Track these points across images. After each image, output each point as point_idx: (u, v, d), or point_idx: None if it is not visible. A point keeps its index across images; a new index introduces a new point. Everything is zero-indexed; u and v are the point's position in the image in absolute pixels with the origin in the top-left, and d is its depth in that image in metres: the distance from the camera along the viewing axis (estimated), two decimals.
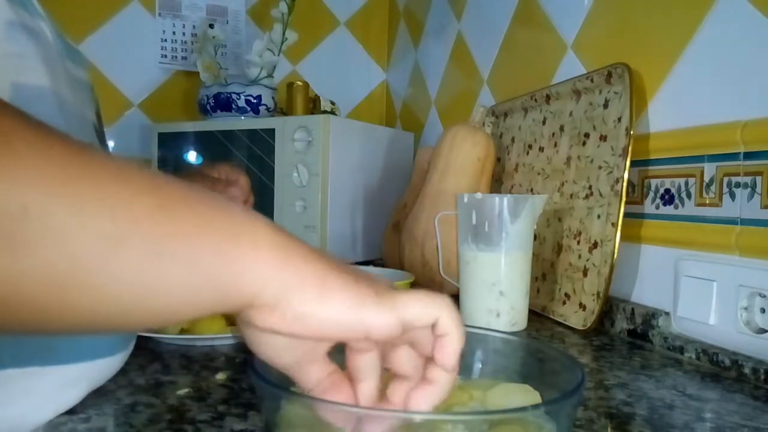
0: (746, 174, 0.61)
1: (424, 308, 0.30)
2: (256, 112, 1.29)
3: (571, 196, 0.83)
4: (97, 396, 0.45)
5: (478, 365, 0.43)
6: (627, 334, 0.73)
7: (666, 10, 0.73)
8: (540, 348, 0.44)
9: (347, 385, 0.32)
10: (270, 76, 1.33)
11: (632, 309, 0.73)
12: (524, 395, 0.38)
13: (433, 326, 0.31)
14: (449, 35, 1.32)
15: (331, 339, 0.30)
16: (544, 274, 0.87)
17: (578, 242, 0.80)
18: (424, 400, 0.31)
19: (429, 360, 0.32)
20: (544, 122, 0.93)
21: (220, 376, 0.53)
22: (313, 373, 0.32)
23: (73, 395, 0.42)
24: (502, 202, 0.74)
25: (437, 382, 0.31)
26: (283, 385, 0.32)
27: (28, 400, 0.39)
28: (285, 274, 0.28)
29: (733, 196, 0.63)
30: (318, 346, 0.31)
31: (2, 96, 0.25)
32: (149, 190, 0.25)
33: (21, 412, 0.39)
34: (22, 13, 0.40)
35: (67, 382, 0.41)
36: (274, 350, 0.30)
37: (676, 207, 0.70)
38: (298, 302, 0.28)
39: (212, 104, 1.29)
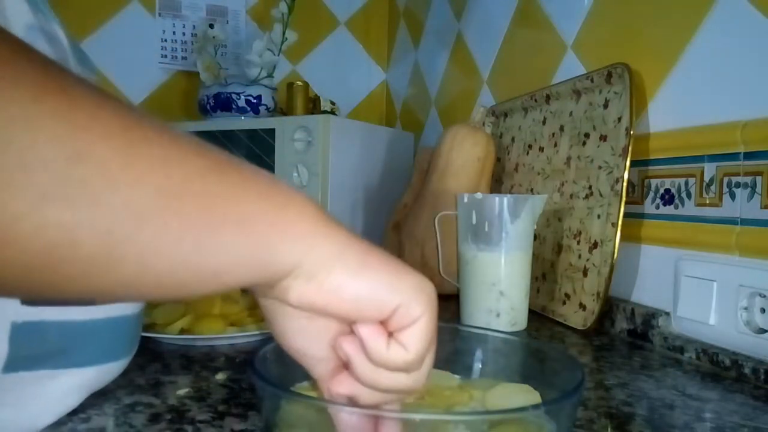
0: (746, 174, 0.61)
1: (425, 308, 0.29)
2: (256, 112, 1.29)
3: (571, 196, 0.83)
4: (97, 396, 0.45)
5: (478, 365, 0.42)
6: (627, 334, 0.73)
7: (666, 11, 0.73)
8: (540, 348, 0.44)
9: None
10: (270, 76, 1.33)
11: (632, 309, 0.73)
12: (524, 395, 0.38)
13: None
14: (449, 35, 1.32)
15: (358, 317, 0.29)
16: (544, 274, 0.87)
17: (578, 242, 0.80)
18: None
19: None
20: (544, 122, 0.93)
21: (220, 376, 0.53)
22: (327, 365, 0.32)
23: (77, 398, 0.42)
24: (502, 202, 0.74)
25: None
26: (283, 385, 0.32)
27: (38, 403, 0.39)
28: (328, 243, 0.28)
29: (733, 196, 0.63)
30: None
31: None
32: (198, 151, 0.25)
33: (31, 415, 0.39)
34: (40, 17, 0.39)
35: (75, 386, 0.41)
36: (302, 337, 0.30)
37: (676, 207, 0.70)
38: (339, 272, 0.27)
39: (212, 104, 1.29)
